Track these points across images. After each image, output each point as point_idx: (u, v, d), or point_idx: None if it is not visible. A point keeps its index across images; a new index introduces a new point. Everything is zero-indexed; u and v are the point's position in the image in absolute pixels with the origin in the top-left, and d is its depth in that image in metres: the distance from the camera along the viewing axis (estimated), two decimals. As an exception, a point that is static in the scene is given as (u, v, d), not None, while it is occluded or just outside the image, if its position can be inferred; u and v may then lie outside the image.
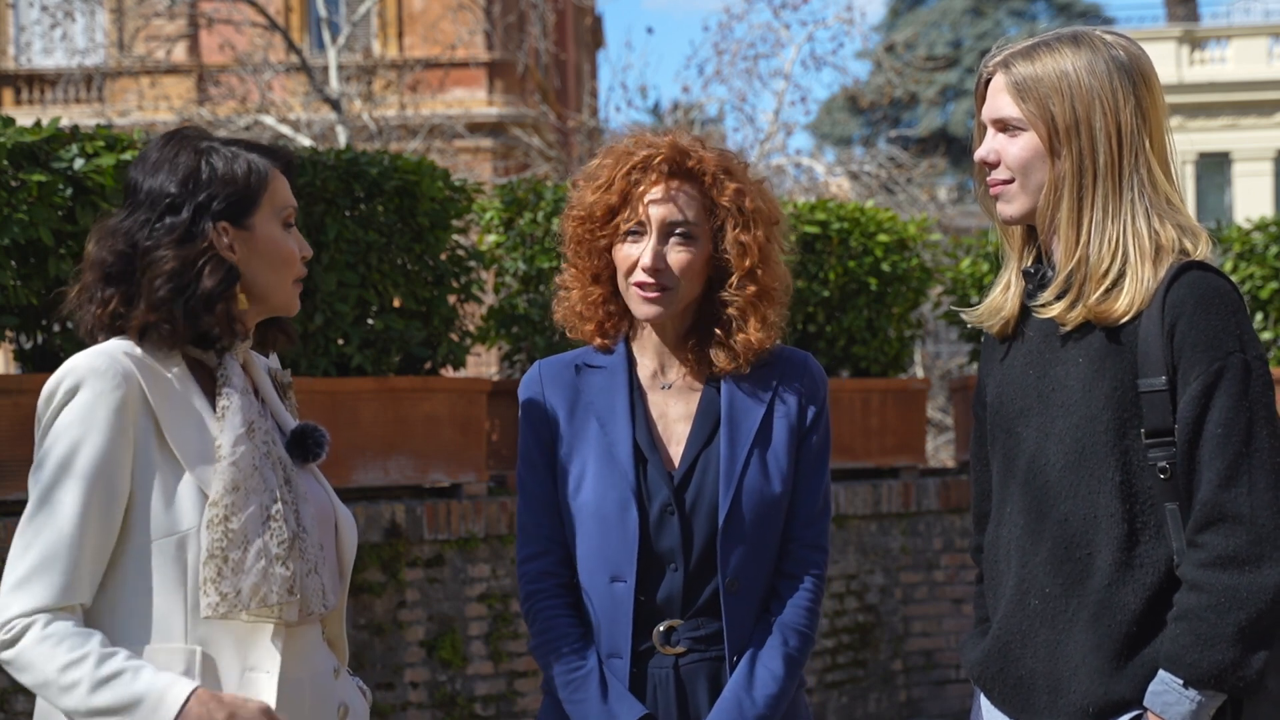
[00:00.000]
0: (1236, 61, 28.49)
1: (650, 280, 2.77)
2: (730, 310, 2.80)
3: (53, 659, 2.31)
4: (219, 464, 2.40)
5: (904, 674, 7.51)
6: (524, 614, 2.86)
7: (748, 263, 2.78)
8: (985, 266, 7.94)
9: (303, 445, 2.61)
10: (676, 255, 2.77)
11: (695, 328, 2.85)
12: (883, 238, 7.48)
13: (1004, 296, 2.66)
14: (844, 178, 18.84)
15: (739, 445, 2.78)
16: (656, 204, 2.78)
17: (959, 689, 7.60)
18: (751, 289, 2.80)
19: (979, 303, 2.73)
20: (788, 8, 18.41)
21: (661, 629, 2.77)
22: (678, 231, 2.78)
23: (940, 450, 14.82)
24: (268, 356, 2.70)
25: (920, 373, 13.80)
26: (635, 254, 2.78)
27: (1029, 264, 2.64)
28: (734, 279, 2.79)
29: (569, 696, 2.76)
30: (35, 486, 2.38)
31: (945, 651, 7.59)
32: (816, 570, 2.83)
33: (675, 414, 2.83)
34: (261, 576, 2.38)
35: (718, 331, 2.82)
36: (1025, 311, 2.64)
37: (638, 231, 2.79)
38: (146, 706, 2.30)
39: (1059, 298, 2.54)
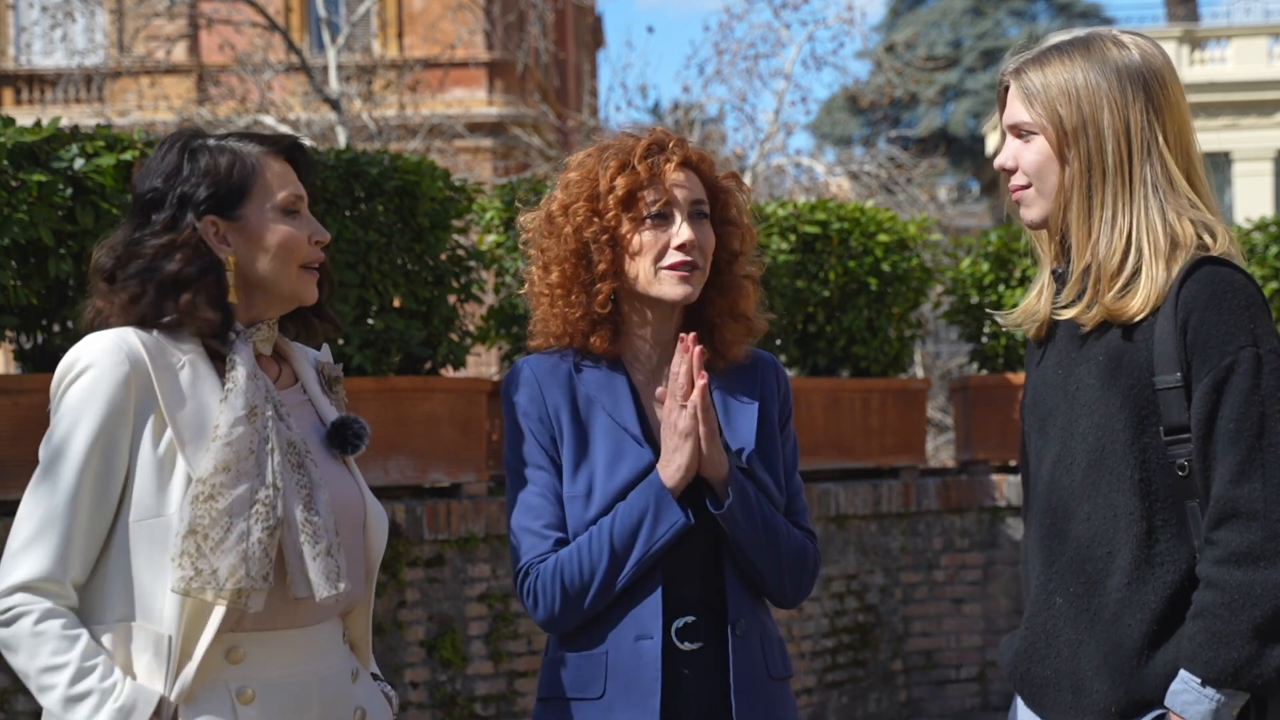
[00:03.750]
0: (1236, 61, 28.48)
1: (688, 258, 2.78)
2: (735, 294, 2.86)
3: (36, 657, 2.37)
4: (213, 444, 2.41)
5: (904, 674, 7.51)
6: (531, 603, 2.76)
7: (747, 246, 2.88)
8: (985, 266, 7.94)
9: (342, 436, 2.61)
10: (703, 233, 2.82)
11: (684, 327, 2.84)
12: (883, 238, 7.48)
13: (1037, 300, 2.68)
14: (844, 178, 18.85)
15: (741, 441, 2.81)
16: (680, 186, 2.81)
17: (959, 689, 7.60)
18: (752, 269, 2.89)
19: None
20: (788, 7, 18.43)
21: (679, 626, 2.74)
22: (698, 211, 2.82)
23: (940, 450, 14.81)
24: (318, 348, 2.70)
25: (920, 373, 13.81)
26: (664, 237, 2.78)
27: (1058, 266, 2.65)
28: (740, 258, 2.87)
29: (613, 536, 2.71)
30: (41, 459, 2.42)
31: (945, 651, 7.59)
32: (814, 546, 2.87)
33: None
34: (239, 559, 2.38)
35: (715, 310, 2.85)
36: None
37: (664, 214, 2.78)
38: None
39: (1077, 299, 2.56)
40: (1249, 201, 27.14)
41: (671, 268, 2.77)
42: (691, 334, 2.71)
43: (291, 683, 2.48)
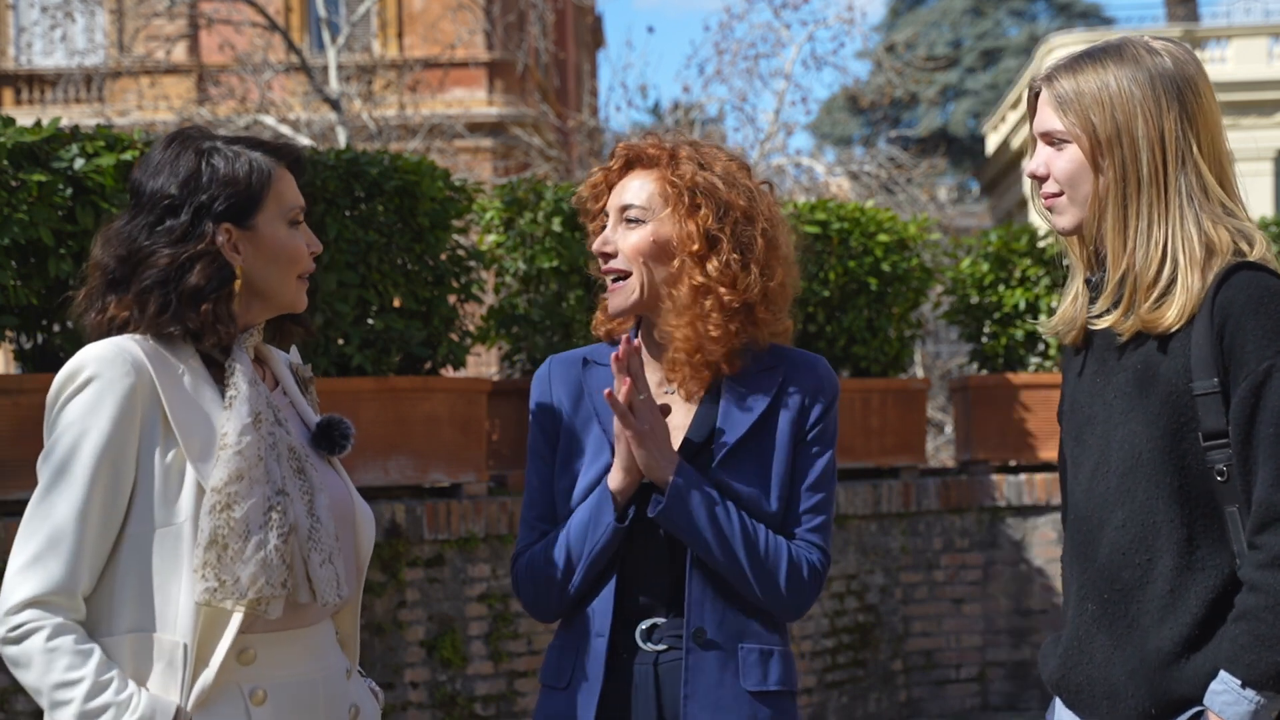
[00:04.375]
0: (1236, 61, 28.48)
1: (605, 266, 2.80)
2: (666, 303, 2.78)
3: (49, 673, 2.35)
4: (223, 453, 2.41)
5: (904, 674, 7.51)
6: (516, 591, 2.87)
7: (695, 246, 2.75)
8: (985, 266, 7.94)
9: (329, 437, 2.62)
10: (623, 238, 2.79)
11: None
12: (883, 238, 7.48)
13: (1073, 307, 2.67)
14: (844, 178, 18.84)
15: (727, 449, 2.78)
16: (615, 192, 2.83)
17: (959, 689, 7.60)
18: (696, 279, 2.76)
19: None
20: (788, 7, 18.43)
21: (644, 627, 2.77)
22: (626, 216, 2.79)
23: (940, 450, 14.81)
24: (288, 351, 2.71)
25: (920, 373, 13.81)
26: None
27: (1090, 274, 2.65)
28: (675, 262, 2.77)
29: (569, 533, 2.78)
30: (43, 472, 2.41)
31: (945, 651, 7.59)
32: (814, 558, 2.79)
33: (675, 421, 2.82)
34: (260, 567, 2.39)
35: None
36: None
37: (606, 226, 2.84)
38: None
39: (1112, 308, 2.55)
40: (1249, 201, 27.07)
41: (605, 275, 2.82)
42: (627, 337, 2.71)
43: (300, 682, 2.49)
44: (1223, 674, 2.41)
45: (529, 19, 20.27)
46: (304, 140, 16.74)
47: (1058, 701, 2.67)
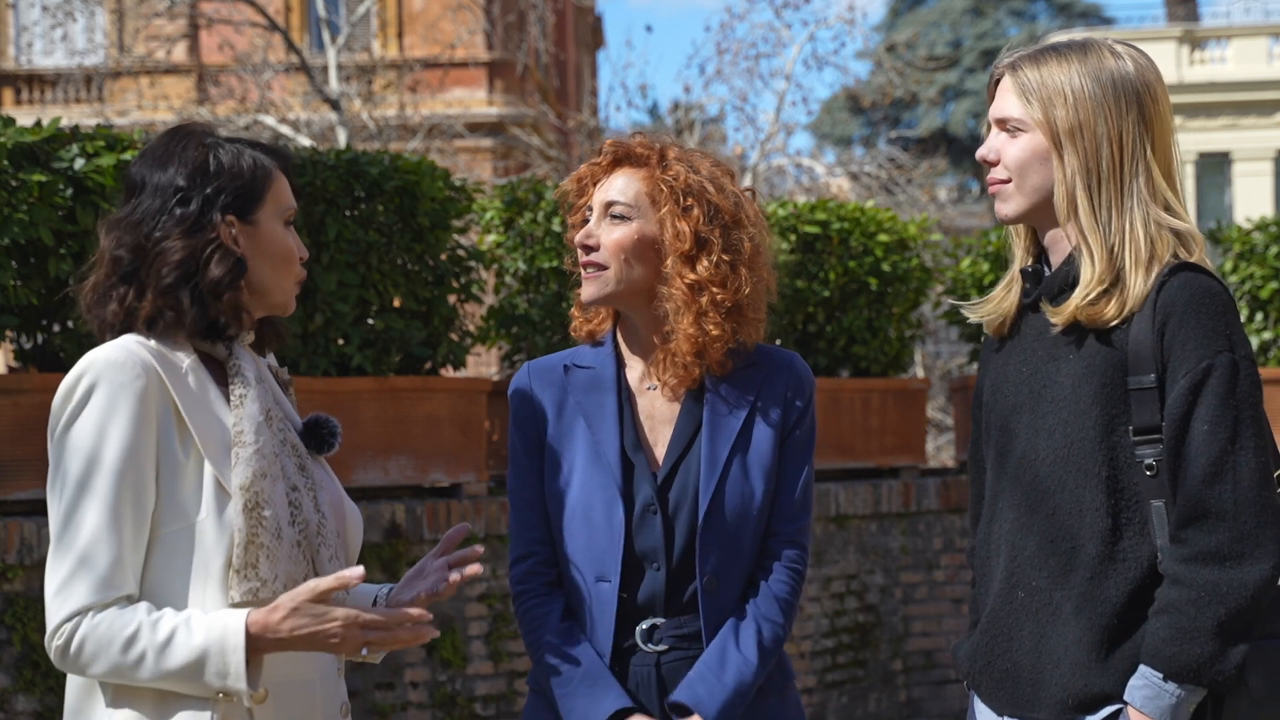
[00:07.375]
0: (1236, 61, 28.49)
1: (585, 258, 2.82)
2: (667, 304, 2.80)
3: (111, 644, 2.32)
4: (243, 451, 2.41)
5: (904, 674, 7.51)
6: (515, 614, 2.89)
7: (685, 247, 2.78)
8: (985, 266, 7.94)
9: (317, 436, 2.62)
10: (607, 233, 2.81)
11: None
12: (883, 238, 7.48)
13: (1005, 294, 2.70)
14: (844, 178, 18.86)
15: (720, 446, 2.80)
16: (600, 188, 2.85)
17: (959, 689, 7.60)
18: (689, 277, 2.78)
19: (981, 300, 2.78)
20: (789, 7, 18.46)
21: (644, 627, 2.79)
22: (611, 212, 2.81)
23: (940, 450, 14.82)
24: (264, 356, 2.70)
25: (920, 373, 13.81)
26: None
27: (1029, 264, 2.67)
28: (668, 262, 2.79)
29: (560, 690, 2.77)
30: (64, 488, 2.36)
31: (945, 651, 7.60)
32: (794, 565, 2.84)
33: (661, 416, 2.85)
34: (292, 563, 2.40)
35: (654, 338, 2.84)
36: (1023, 310, 2.67)
37: (588, 219, 2.86)
38: (214, 656, 2.32)
39: (1053, 299, 2.58)
40: (1249, 201, 27.13)
41: (583, 267, 2.83)
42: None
43: (298, 681, 2.49)
44: (1143, 668, 2.44)
45: (529, 19, 20.29)
46: (304, 140, 16.74)
47: (976, 700, 2.67)
